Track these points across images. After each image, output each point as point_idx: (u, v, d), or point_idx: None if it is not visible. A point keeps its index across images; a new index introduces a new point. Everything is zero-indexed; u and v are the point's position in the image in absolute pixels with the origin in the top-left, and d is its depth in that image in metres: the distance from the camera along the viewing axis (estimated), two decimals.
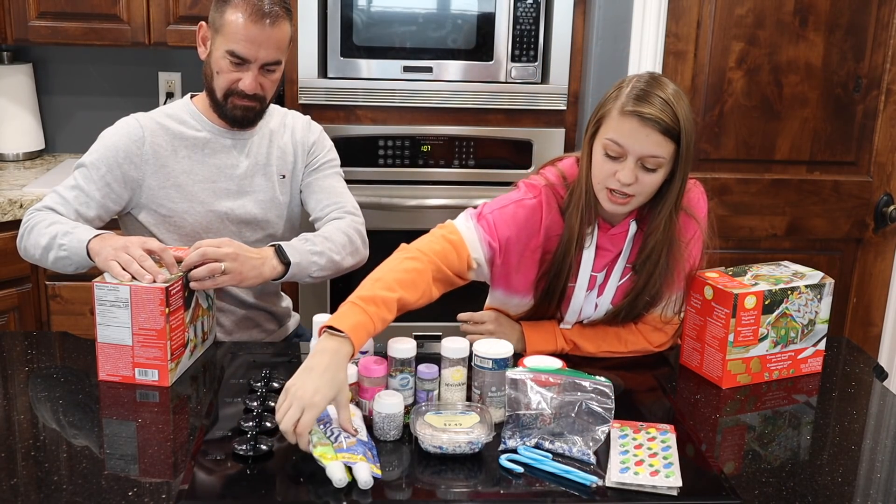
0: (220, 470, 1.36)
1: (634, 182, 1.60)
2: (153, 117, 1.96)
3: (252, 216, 1.98)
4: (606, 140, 1.61)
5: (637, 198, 1.64)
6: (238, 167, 1.98)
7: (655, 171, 1.61)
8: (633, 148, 1.59)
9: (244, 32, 1.83)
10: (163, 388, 1.62)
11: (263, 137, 2.02)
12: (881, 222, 2.83)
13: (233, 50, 1.84)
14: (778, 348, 1.73)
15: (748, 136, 2.75)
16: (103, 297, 1.60)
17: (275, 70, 1.90)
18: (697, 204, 1.77)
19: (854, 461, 1.47)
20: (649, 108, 1.57)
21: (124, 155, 1.90)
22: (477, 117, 2.79)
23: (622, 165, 1.60)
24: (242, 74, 1.87)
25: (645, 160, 1.60)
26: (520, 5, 2.71)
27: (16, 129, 3.01)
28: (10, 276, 2.52)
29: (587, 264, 1.74)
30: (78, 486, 1.31)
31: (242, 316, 2.04)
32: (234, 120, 1.94)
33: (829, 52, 2.70)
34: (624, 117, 1.59)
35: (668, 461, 1.38)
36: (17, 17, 2.74)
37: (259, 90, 1.89)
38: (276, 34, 1.85)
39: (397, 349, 1.51)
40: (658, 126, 1.57)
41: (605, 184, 1.64)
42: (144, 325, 1.60)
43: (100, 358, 1.63)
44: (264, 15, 1.82)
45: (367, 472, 1.30)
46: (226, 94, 1.90)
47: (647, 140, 1.58)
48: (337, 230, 1.94)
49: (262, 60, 1.86)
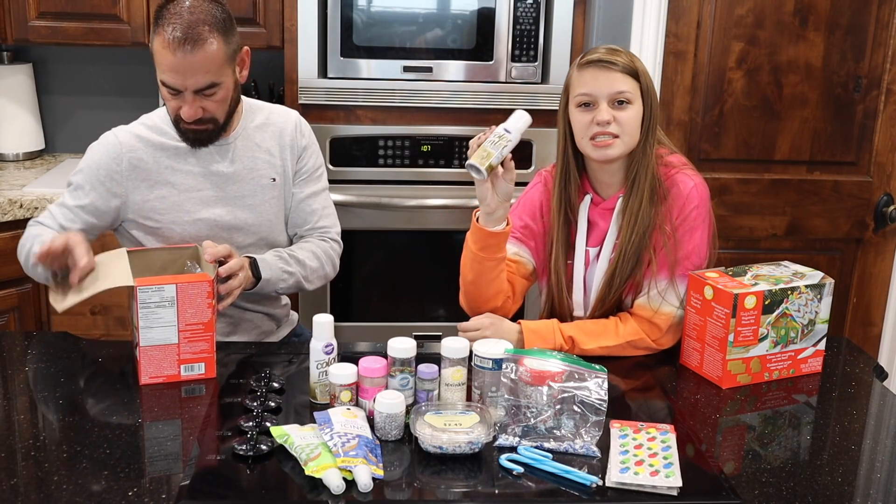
0: (220, 470, 1.36)
1: (612, 120, 1.76)
2: (132, 131, 1.93)
3: (242, 221, 1.96)
4: (577, 96, 1.79)
5: (622, 138, 1.77)
6: (223, 173, 1.95)
7: (628, 106, 1.77)
8: (600, 91, 1.76)
9: (168, 63, 1.76)
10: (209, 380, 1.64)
11: (247, 140, 1.98)
12: (881, 222, 2.83)
13: (163, 80, 1.80)
14: (778, 348, 1.73)
15: (748, 136, 2.75)
16: (147, 299, 1.59)
17: (214, 93, 1.82)
18: (689, 196, 1.81)
19: (854, 461, 1.47)
20: (602, 54, 1.78)
21: (105, 172, 1.89)
22: (477, 117, 2.79)
23: (597, 110, 1.77)
24: (180, 102, 1.82)
25: (615, 97, 1.76)
26: (520, 5, 2.71)
27: (16, 129, 3.01)
28: (10, 276, 2.52)
29: (581, 239, 1.87)
30: (78, 486, 1.31)
31: (241, 318, 2.03)
32: (190, 141, 1.90)
33: (829, 52, 2.70)
34: (583, 70, 1.79)
35: (668, 461, 1.38)
36: (17, 17, 2.74)
37: (201, 114, 1.83)
38: (199, 59, 1.76)
39: (397, 349, 1.51)
40: (615, 66, 1.76)
41: (587, 133, 1.78)
42: (192, 321, 1.61)
43: (142, 362, 1.61)
44: (182, 42, 1.74)
45: (366, 474, 1.30)
46: (175, 120, 1.88)
47: (609, 79, 1.76)
48: (312, 255, 2.00)
49: (193, 87, 1.79)
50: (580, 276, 1.88)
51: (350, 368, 1.51)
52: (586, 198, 1.87)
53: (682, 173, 1.83)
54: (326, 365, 1.55)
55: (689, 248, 1.80)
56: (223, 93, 1.84)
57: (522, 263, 1.92)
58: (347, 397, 1.51)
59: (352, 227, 2.68)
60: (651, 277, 1.81)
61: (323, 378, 1.55)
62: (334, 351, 1.57)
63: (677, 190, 1.81)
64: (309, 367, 1.57)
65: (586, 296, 1.89)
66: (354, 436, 1.38)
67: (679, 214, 1.80)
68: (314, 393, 1.57)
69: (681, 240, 1.80)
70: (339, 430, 1.39)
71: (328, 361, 1.56)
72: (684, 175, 1.83)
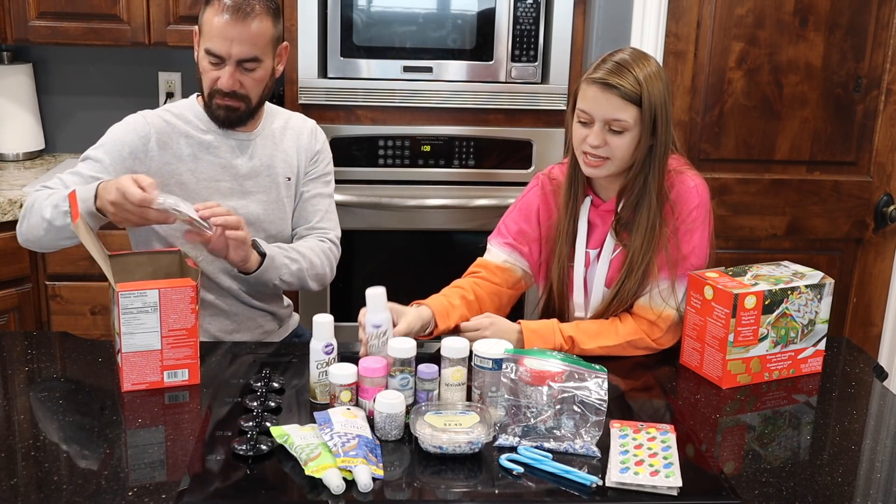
0: (220, 470, 1.36)
1: (604, 145, 1.75)
2: (160, 115, 1.97)
3: (255, 216, 1.99)
4: (578, 110, 1.78)
5: (611, 161, 1.77)
6: (241, 167, 1.99)
7: (622, 134, 1.74)
8: (596, 113, 1.74)
9: (217, 29, 1.84)
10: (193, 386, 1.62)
11: (267, 139, 2.03)
12: (881, 222, 2.83)
13: (208, 48, 1.86)
14: (778, 348, 1.73)
15: (748, 136, 2.75)
16: (129, 304, 1.57)
17: (254, 69, 1.89)
18: (689, 197, 1.81)
19: (854, 461, 1.47)
20: (610, 75, 1.72)
21: (129, 150, 1.91)
22: (477, 117, 2.79)
23: (591, 130, 1.75)
24: (220, 72, 1.87)
25: (610, 123, 1.74)
26: (520, 5, 2.71)
27: (16, 129, 3.01)
28: (10, 276, 2.52)
29: (581, 241, 1.87)
30: (78, 486, 1.31)
31: (244, 316, 2.04)
32: (219, 120, 1.94)
33: (829, 52, 2.70)
34: (588, 85, 1.75)
35: (668, 461, 1.38)
36: (17, 17, 2.74)
37: (238, 88, 1.89)
38: (249, 30, 1.84)
39: (397, 349, 1.51)
40: (617, 91, 1.71)
41: (580, 148, 1.79)
42: (175, 326, 1.59)
43: (124, 369, 1.60)
44: (237, 10, 1.83)
45: (366, 474, 1.30)
46: (210, 94, 1.91)
47: (608, 105, 1.73)
48: (312, 251, 2.02)
49: (237, 57, 1.85)
50: (580, 277, 1.88)
51: (350, 368, 1.51)
52: (587, 200, 1.88)
53: (683, 174, 1.83)
54: (326, 365, 1.55)
55: (688, 249, 1.80)
56: (262, 72, 1.91)
57: (511, 271, 1.91)
58: (347, 397, 1.51)
59: (352, 227, 2.68)
60: (652, 278, 1.81)
61: (323, 378, 1.55)
62: (334, 351, 1.57)
63: (678, 191, 1.82)
64: (309, 367, 1.58)
65: (587, 297, 1.90)
66: (354, 436, 1.38)
67: (679, 215, 1.81)
68: (314, 393, 1.57)
69: (681, 240, 1.80)
70: (339, 430, 1.39)
71: (328, 361, 1.56)
72: (685, 176, 1.83)
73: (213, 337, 1.98)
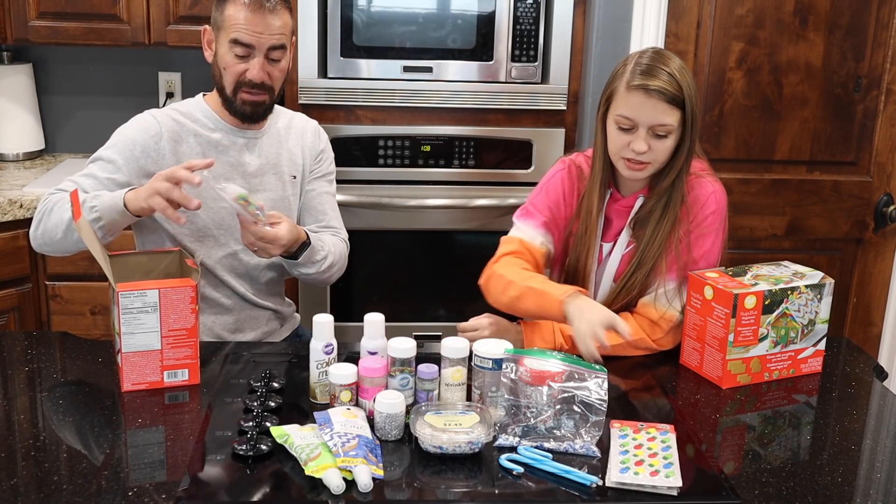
0: (220, 470, 1.36)
1: (648, 150, 1.74)
2: (168, 114, 1.98)
3: None
4: (617, 116, 1.75)
5: (652, 164, 1.77)
6: (249, 165, 2.00)
7: (666, 137, 1.74)
8: (642, 119, 1.73)
9: (245, 21, 1.85)
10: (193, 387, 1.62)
11: (272, 137, 2.04)
12: (881, 222, 2.83)
13: (236, 38, 1.86)
14: (778, 348, 1.73)
15: (748, 136, 2.75)
16: (129, 304, 1.57)
17: (280, 59, 1.92)
18: (706, 202, 1.83)
19: (854, 461, 1.47)
20: (654, 80, 1.71)
21: (141, 149, 1.91)
22: (477, 117, 2.79)
23: (635, 136, 1.74)
24: (248, 64, 1.89)
25: (655, 129, 1.73)
26: (520, 5, 2.71)
27: (16, 129, 3.01)
28: (10, 276, 2.52)
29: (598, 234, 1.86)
30: (78, 486, 1.31)
31: (248, 315, 2.04)
32: (243, 115, 1.96)
33: (829, 52, 2.70)
34: (631, 92, 1.73)
35: (668, 461, 1.38)
36: (17, 17, 2.74)
37: (267, 79, 1.91)
38: (276, 20, 1.88)
39: (397, 349, 1.51)
40: (663, 96, 1.71)
41: (621, 154, 1.77)
42: (175, 326, 1.59)
43: (123, 369, 1.60)
44: (262, 2, 1.86)
45: (366, 474, 1.30)
46: (235, 88, 1.92)
47: (655, 110, 1.72)
48: (332, 243, 2.04)
49: (267, 45, 1.88)
50: (592, 270, 1.89)
51: (350, 368, 1.51)
52: (607, 194, 1.87)
53: (702, 179, 1.84)
54: (326, 365, 1.55)
55: (699, 253, 1.81)
56: (285, 63, 1.94)
57: (546, 254, 1.90)
58: (347, 397, 1.51)
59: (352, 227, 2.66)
60: (660, 278, 1.81)
61: (323, 378, 1.55)
62: (334, 351, 1.57)
63: (696, 194, 1.83)
64: (309, 367, 1.58)
65: (596, 290, 1.90)
66: (354, 436, 1.38)
67: (695, 218, 1.81)
68: (314, 393, 1.57)
69: (693, 243, 1.81)
70: (339, 430, 1.39)
71: (328, 361, 1.56)
72: (704, 181, 1.84)
73: (216, 336, 1.99)
